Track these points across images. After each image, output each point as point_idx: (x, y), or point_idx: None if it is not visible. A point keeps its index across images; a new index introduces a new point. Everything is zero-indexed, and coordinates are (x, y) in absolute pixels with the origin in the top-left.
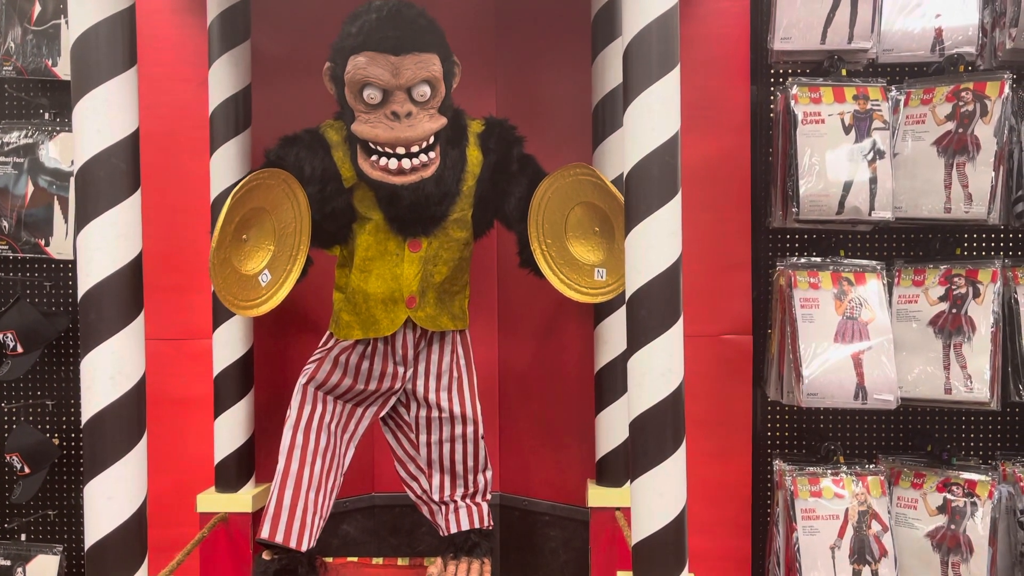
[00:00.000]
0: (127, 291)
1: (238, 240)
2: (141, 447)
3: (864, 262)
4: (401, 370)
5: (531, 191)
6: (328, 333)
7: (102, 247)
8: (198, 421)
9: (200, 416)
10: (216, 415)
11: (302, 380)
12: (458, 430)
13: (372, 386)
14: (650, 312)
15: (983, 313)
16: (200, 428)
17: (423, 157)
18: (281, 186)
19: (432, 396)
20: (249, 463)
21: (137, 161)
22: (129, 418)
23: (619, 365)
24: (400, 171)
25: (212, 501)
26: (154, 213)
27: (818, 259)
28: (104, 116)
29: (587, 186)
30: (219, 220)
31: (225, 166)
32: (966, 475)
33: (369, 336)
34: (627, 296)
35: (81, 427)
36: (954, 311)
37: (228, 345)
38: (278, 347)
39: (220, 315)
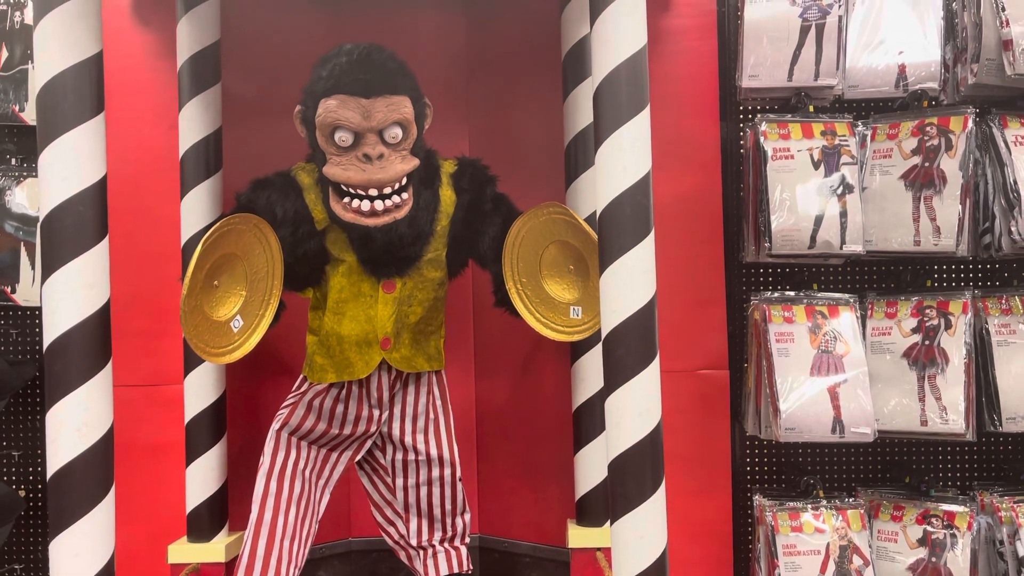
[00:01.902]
0: (94, 341)
1: (209, 286)
2: (108, 501)
3: (837, 295)
4: (376, 413)
5: (505, 230)
6: (301, 377)
7: (68, 297)
8: (169, 469)
9: (171, 464)
10: (188, 462)
11: (275, 426)
12: (435, 473)
13: (347, 430)
14: (626, 351)
15: (955, 344)
16: (171, 476)
17: (396, 199)
18: (253, 231)
19: (408, 439)
20: (222, 511)
21: (104, 208)
22: (96, 472)
23: (597, 403)
24: (373, 213)
25: (184, 551)
26: (123, 257)
27: (791, 293)
28: (70, 164)
29: (561, 225)
30: (190, 267)
31: (196, 210)
32: (945, 506)
33: (343, 379)
34: (603, 336)
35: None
36: (927, 343)
37: (200, 391)
38: (251, 392)
39: (191, 360)
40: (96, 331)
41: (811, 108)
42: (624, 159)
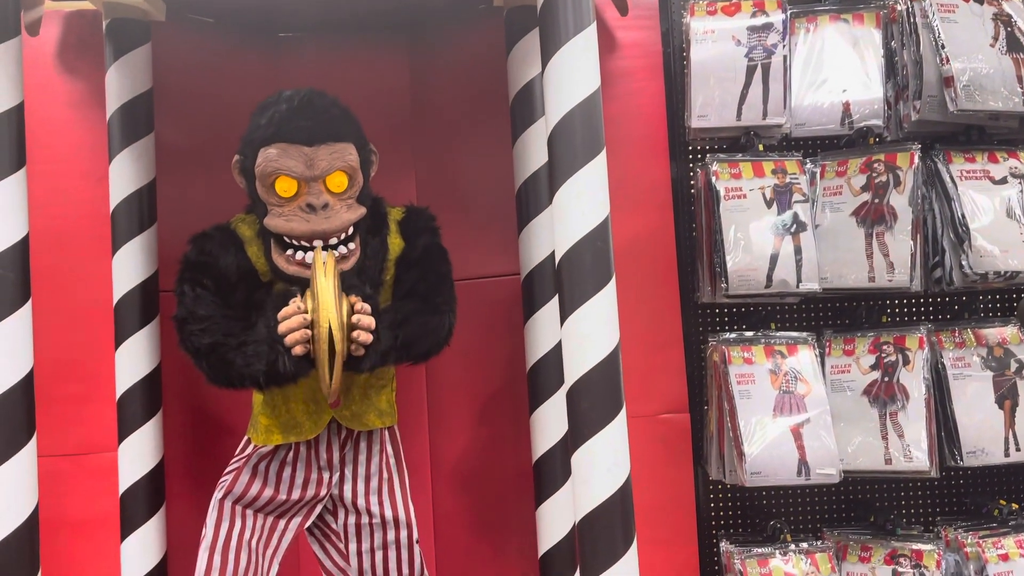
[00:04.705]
0: (16, 415)
1: None
2: None
3: (795, 334)
4: (326, 475)
5: (417, 280)
6: (245, 439)
7: None
8: (102, 545)
9: (104, 539)
10: (123, 537)
11: (218, 494)
12: (391, 536)
13: (295, 495)
14: (592, 404)
15: (915, 380)
16: (105, 553)
17: (342, 249)
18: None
19: (361, 501)
20: None
21: (27, 270)
22: (20, 557)
23: (558, 454)
24: None
25: None
26: (49, 319)
27: (749, 333)
28: None
29: None
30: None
31: (128, 266)
32: (913, 545)
33: (291, 440)
34: (566, 388)
35: None
36: (886, 379)
37: (136, 458)
38: (191, 457)
39: (127, 425)
40: (19, 404)
41: (760, 147)
42: (582, 204)
